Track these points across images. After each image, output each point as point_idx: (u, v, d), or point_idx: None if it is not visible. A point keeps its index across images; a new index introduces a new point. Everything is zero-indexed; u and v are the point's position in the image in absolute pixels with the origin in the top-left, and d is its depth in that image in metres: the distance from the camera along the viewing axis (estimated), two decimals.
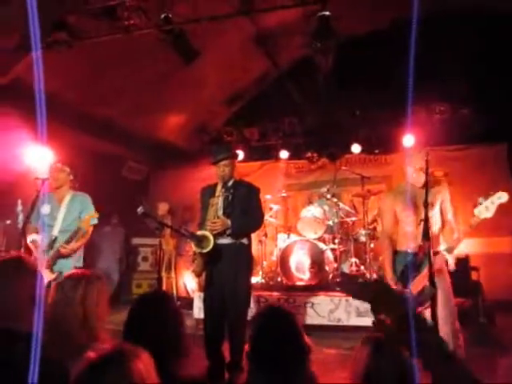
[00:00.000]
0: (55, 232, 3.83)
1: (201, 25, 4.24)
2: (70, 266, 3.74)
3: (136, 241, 7.59)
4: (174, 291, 6.77)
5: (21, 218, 5.82)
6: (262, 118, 7.69)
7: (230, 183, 3.84)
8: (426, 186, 3.01)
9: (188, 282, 6.97)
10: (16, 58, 4.47)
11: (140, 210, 3.28)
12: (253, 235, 3.94)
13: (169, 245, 6.76)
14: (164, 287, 6.34)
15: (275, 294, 5.71)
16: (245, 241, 3.77)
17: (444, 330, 2.97)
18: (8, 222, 5.83)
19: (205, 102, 7.38)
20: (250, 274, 3.84)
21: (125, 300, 6.96)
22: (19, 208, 5.97)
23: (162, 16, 3.86)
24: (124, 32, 4.05)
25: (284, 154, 7.72)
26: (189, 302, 6.05)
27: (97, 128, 6.30)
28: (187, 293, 6.95)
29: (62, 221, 3.87)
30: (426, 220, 2.81)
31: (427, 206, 2.92)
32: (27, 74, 4.46)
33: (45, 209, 3.89)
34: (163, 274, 6.56)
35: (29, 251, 3.81)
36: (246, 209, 3.74)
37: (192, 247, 3.65)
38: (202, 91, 6.88)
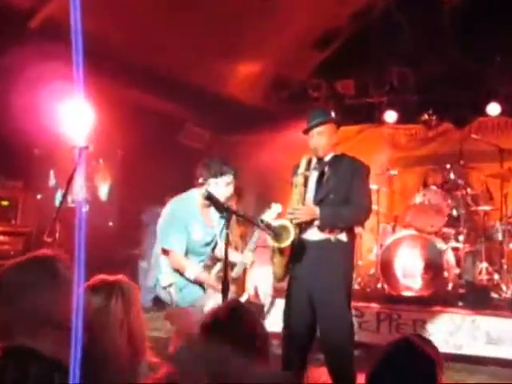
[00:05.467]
0: None
1: None
2: None
3: None
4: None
5: (59, 194, 6.12)
6: (362, 68, 7.55)
7: (328, 158, 3.80)
8: None
9: (260, 282, 7.03)
10: None
11: (205, 192, 3.39)
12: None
13: (233, 233, 6.81)
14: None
15: (374, 305, 5.67)
16: (343, 237, 3.71)
17: None
18: (39, 196, 6.14)
19: (285, 47, 7.27)
20: (348, 284, 3.81)
21: None
22: (52, 181, 6.29)
23: None
24: None
25: (390, 116, 7.49)
26: (258, 310, 6.10)
27: (148, 80, 6.44)
28: (257, 297, 7.01)
29: None
30: None
31: None
32: (61, 14, 4.58)
33: None
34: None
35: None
36: (346, 194, 3.71)
37: (268, 240, 3.68)
38: (282, 33, 6.77)
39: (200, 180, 3.91)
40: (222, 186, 3.90)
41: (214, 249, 4.14)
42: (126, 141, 5.67)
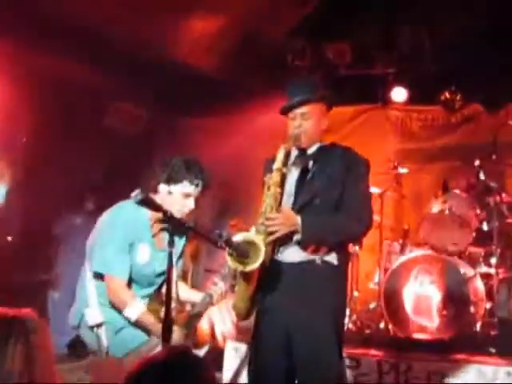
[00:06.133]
0: None
1: None
2: None
3: None
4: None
5: None
6: (360, 27, 7.61)
7: (313, 150, 3.85)
8: None
9: (217, 319, 7.02)
10: None
11: (137, 194, 3.27)
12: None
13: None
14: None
15: (374, 352, 5.70)
16: (332, 258, 3.73)
17: None
18: None
19: None
20: (339, 323, 3.84)
21: None
22: None
23: None
24: None
25: (400, 94, 7.62)
26: (215, 357, 6.09)
27: (63, 39, 6.34)
28: (213, 338, 7.00)
29: None
30: None
31: None
32: None
33: None
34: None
35: None
36: (337, 198, 3.74)
37: (228, 261, 3.63)
38: None
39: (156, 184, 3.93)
40: (176, 198, 3.91)
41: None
42: (32, 124, 5.56)
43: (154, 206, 3.44)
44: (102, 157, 7.36)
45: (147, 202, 3.35)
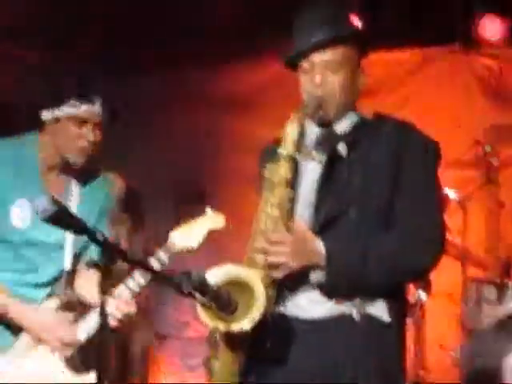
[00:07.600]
0: None
1: None
2: None
3: None
4: None
5: None
6: None
7: (346, 124, 3.82)
8: None
9: None
10: None
11: (44, 205, 3.02)
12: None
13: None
14: None
15: None
16: (379, 311, 3.66)
17: None
18: None
19: None
20: None
21: None
22: None
23: None
24: None
25: (493, 29, 7.55)
26: None
27: None
28: None
29: None
30: None
31: None
32: None
33: None
34: None
35: None
36: (386, 206, 3.69)
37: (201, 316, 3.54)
38: None
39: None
40: (65, 128, 4.09)
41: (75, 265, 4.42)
42: None
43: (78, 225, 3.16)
44: None
45: (59, 217, 3.05)
